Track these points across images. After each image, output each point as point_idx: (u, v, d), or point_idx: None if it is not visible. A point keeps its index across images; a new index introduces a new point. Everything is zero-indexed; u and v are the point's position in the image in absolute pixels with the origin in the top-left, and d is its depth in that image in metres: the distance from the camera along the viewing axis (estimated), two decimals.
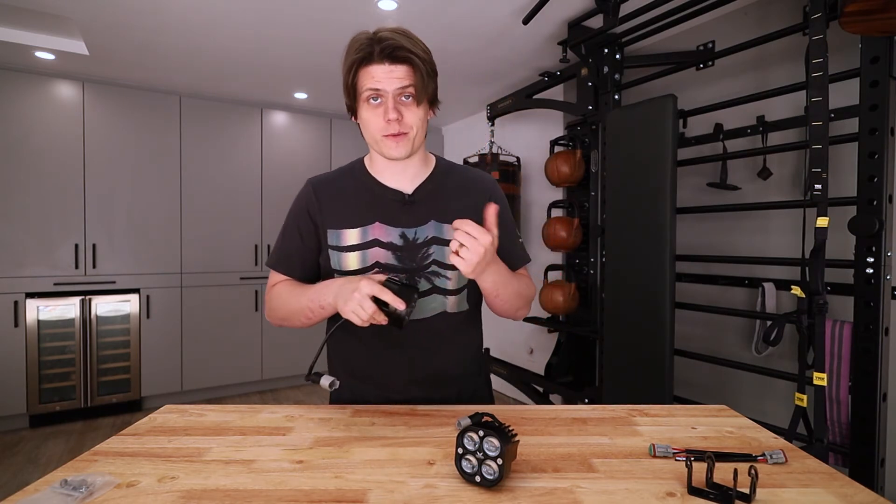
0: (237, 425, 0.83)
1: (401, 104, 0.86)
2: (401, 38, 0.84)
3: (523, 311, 1.00)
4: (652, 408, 0.94)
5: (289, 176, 3.79)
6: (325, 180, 0.99)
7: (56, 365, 3.01)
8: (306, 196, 0.98)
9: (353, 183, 0.98)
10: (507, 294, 0.92)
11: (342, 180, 0.99)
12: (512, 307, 0.96)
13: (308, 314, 0.90)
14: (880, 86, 1.41)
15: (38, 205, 2.98)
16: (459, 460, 0.64)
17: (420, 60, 0.85)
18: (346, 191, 0.97)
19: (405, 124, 0.87)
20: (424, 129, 0.91)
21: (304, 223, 0.97)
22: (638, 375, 1.97)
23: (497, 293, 0.90)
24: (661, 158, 1.87)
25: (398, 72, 0.84)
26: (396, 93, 0.85)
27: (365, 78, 0.85)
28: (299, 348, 3.81)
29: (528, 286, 1.01)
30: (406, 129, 0.87)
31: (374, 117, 0.87)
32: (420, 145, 0.92)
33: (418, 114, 0.88)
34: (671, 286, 1.87)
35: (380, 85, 0.84)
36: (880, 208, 1.42)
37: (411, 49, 0.84)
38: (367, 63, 0.84)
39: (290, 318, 0.95)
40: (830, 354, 1.60)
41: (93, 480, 0.62)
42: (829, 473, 0.68)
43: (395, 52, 0.83)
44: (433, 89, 0.90)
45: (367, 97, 0.86)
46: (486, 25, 2.34)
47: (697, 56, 2.14)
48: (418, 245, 0.93)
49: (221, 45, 2.58)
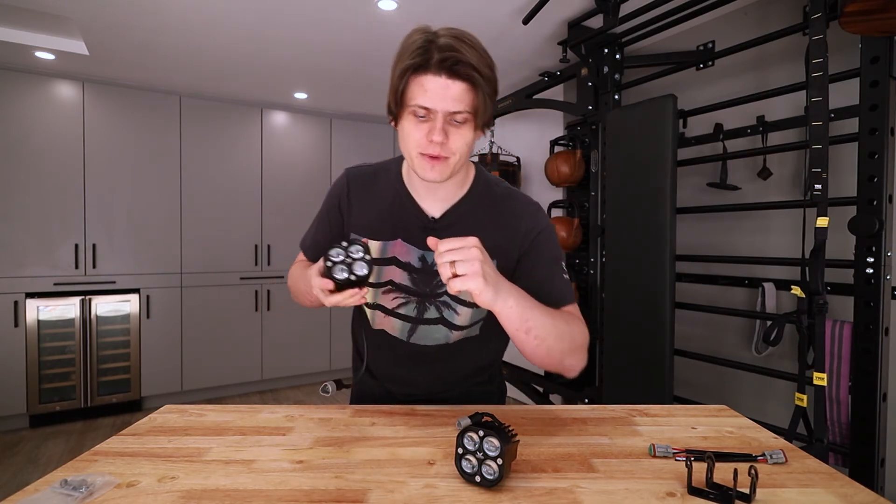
0: (237, 425, 0.83)
1: (450, 125, 0.75)
2: (465, 48, 0.72)
3: (572, 358, 0.78)
4: (652, 408, 0.94)
5: (289, 176, 3.79)
6: (361, 177, 0.92)
7: (56, 365, 3.01)
8: (339, 188, 0.93)
9: (386, 189, 0.90)
10: (544, 330, 0.72)
11: (378, 183, 0.91)
12: (554, 351, 0.75)
13: (309, 297, 0.87)
14: (880, 86, 1.41)
15: (38, 205, 2.98)
16: (459, 460, 0.64)
17: (483, 80, 0.73)
18: (377, 196, 0.90)
19: (448, 148, 0.76)
20: (470, 152, 0.81)
21: (334, 215, 0.93)
22: (638, 375, 1.97)
23: (528, 326, 0.71)
24: (662, 158, 1.87)
25: (455, 90, 0.73)
26: (448, 114, 0.74)
27: (416, 90, 0.74)
28: (299, 348, 3.81)
29: (576, 327, 0.79)
30: (448, 154, 0.77)
31: (415, 131, 0.77)
32: (460, 169, 0.82)
33: (466, 138, 0.77)
34: (671, 286, 1.87)
35: (430, 103, 0.73)
36: (880, 208, 1.42)
37: (475, 65, 0.72)
38: (420, 71, 0.73)
39: (299, 297, 0.94)
40: (830, 354, 1.60)
41: (93, 480, 0.62)
42: (829, 473, 0.67)
43: (455, 67, 0.72)
44: (491, 112, 0.79)
45: (413, 111, 0.75)
46: (485, 25, 2.34)
47: (697, 56, 2.14)
48: (434, 272, 0.87)
49: (221, 45, 2.58)
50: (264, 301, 3.68)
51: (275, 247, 3.74)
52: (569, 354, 0.77)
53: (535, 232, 0.86)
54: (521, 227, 0.86)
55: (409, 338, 0.91)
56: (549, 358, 0.76)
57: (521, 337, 0.72)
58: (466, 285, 0.65)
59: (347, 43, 2.55)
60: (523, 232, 0.86)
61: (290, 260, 3.79)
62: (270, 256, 3.72)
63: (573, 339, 0.77)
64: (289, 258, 3.79)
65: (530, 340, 0.72)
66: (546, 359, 0.76)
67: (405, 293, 0.89)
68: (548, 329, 0.73)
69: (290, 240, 3.81)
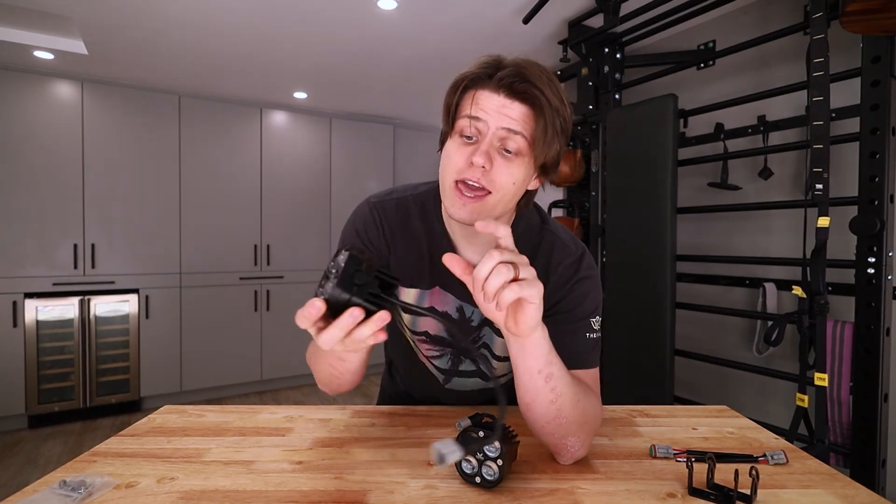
0: (236, 426, 0.83)
1: (499, 154, 0.63)
2: (535, 70, 0.63)
3: (577, 436, 0.66)
4: (652, 408, 0.94)
5: (288, 176, 3.79)
6: (391, 211, 0.79)
7: (55, 365, 3.01)
8: (369, 222, 0.78)
9: (421, 228, 0.78)
10: (562, 383, 0.62)
11: (414, 221, 0.78)
12: (563, 415, 0.63)
13: (332, 363, 0.70)
14: (881, 85, 1.41)
15: (37, 204, 2.97)
16: (459, 461, 0.64)
17: (549, 106, 0.62)
18: (411, 236, 0.78)
19: (491, 179, 0.63)
20: (516, 196, 0.67)
21: (371, 249, 0.79)
22: (638, 376, 1.97)
23: (550, 371, 0.61)
24: (662, 158, 1.87)
25: (513, 109, 0.62)
26: (500, 134, 0.62)
27: (469, 103, 0.64)
28: (299, 349, 3.80)
29: (593, 402, 0.69)
30: (490, 186, 0.63)
31: (457, 154, 0.65)
32: (500, 214, 0.68)
33: (516, 174, 0.64)
34: (672, 286, 1.87)
35: (484, 115, 0.62)
36: (881, 208, 1.42)
37: (541, 88, 0.61)
38: (477, 86, 0.64)
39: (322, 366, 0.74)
40: (831, 355, 1.60)
41: (92, 481, 0.62)
42: (830, 474, 0.67)
43: (516, 85, 0.61)
44: (554, 154, 0.65)
45: (460, 127, 0.64)
46: (486, 25, 2.33)
47: (698, 55, 2.14)
48: (471, 326, 0.79)
49: (221, 44, 2.58)
50: (264, 301, 3.67)
51: (274, 247, 3.74)
52: (576, 429, 0.65)
53: (571, 282, 0.74)
54: (559, 278, 0.75)
55: (445, 384, 0.88)
56: (555, 422, 0.64)
57: (539, 384, 0.61)
58: (525, 291, 0.52)
59: (347, 42, 2.55)
60: (560, 282, 0.75)
61: (289, 260, 3.79)
62: (270, 256, 3.72)
63: (585, 412, 0.66)
64: (288, 258, 3.79)
65: (547, 392, 0.62)
66: (552, 423, 0.64)
67: (440, 345, 0.82)
68: (565, 385, 0.62)
69: (290, 240, 3.81)
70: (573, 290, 0.74)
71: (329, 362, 0.69)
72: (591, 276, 0.76)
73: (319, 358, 0.72)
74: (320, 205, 3.93)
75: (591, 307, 0.74)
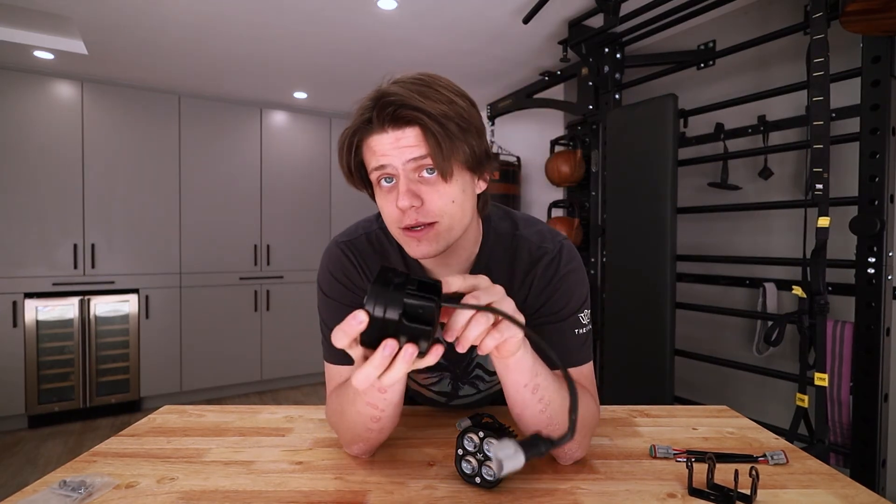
0: (236, 426, 0.83)
1: (422, 182, 0.61)
2: (410, 89, 0.60)
3: (573, 441, 0.65)
4: (652, 408, 0.94)
5: (288, 176, 3.79)
6: (366, 247, 0.76)
7: (55, 365, 3.01)
8: (343, 265, 0.74)
9: (401, 261, 0.75)
10: (550, 391, 0.61)
11: (389, 254, 0.76)
12: (555, 422, 0.63)
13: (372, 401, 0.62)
14: (881, 85, 1.41)
15: (36, 204, 2.97)
16: (459, 461, 0.64)
17: (433, 119, 0.59)
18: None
19: (428, 212, 0.61)
20: (467, 209, 0.65)
21: (357, 291, 0.74)
22: (638, 376, 1.97)
23: (536, 383, 0.59)
24: (662, 158, 1.87)
25: (407, 138, 0.60)
26: (410, 166, 0.60)
27: (368, 155, 0.63)
28: (299, 349, 3.80)
29: (587, 403, 0.67)
30: (431, 219, 0.62)
31: (387, 204, 0.63)
32: (461, 233, 0.66)
33: (449, 193, 0.62)
34: (672, 286, 1.87)
35: (386, 159, 0.61)
36: (881, 208, 1.42)
37: (418, 105, 0.59)
38: (366, 134, 0.62)
39: (353, 425, 0.67)
40: (831, 355, 1.60)
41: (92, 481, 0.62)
42: (830, 474, 0.67)
43: (398, 113, 0.59)
44: (468, 152, 0.62)
45: (377, 179, 0.63)
46: (486, 25, 2.33)
47: (698, 55, 2.14)
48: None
49: (221, 44, 2.58)
50: (264, 301, 3.67)
51: (274, 247, 3.74)
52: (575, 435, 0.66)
53: (553, 282, 0.72)
54: (540, 281, 0.72)
55: (448, 403, 0.89)
56: (548, 430, 0.62)
57: (526, 397, 0.60)
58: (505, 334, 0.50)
59: (347, 42, 2.55)
60: (542, 285, 0.73)
61: (289, 260, 3.79)
62: (270, 256, 3.72)
63: (581, 416, 0.64)
64: (288, 258, 3.79)
65: (535, 403, 0.60)
66: (545, 430, 0.61)
67: (437, 371, 0.81)
68: (553, 393, 0.61)
69: (290, 240, 3.80)
70: (557, 290, 0.72)
71: (367, 402, 0.62)
72: (574, 270, 0.73)
73: (350, 406, 0.65)
74: (320, 205, 3.93)
75: (578, 303, 0.72)
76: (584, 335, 0.73)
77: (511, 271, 0.74)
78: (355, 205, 4.02)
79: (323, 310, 0.75)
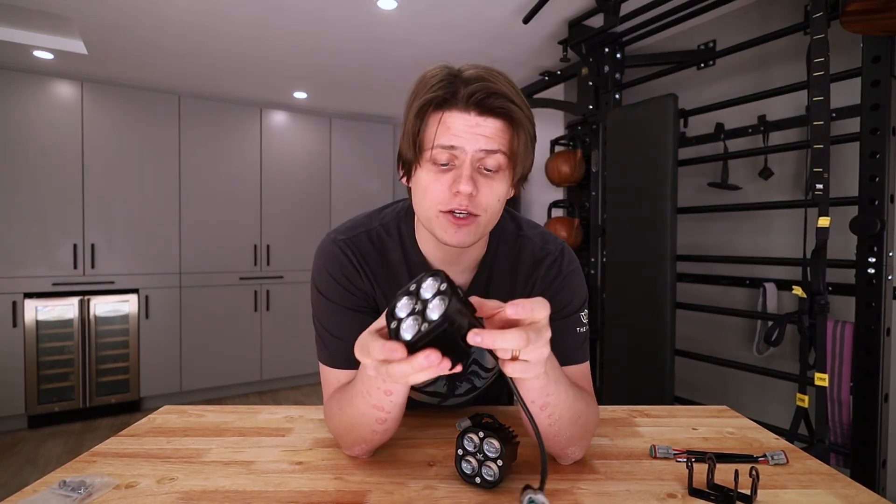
0: (236, 426, 0.83)
1: (480, 175, 0.61)
2: (499, 79, 0.60)
3: (576, 446, 0.66)
4: (652, 408, 0.94)
5: (288, 176, 3.79)
6: (367, 246, 0.73)
7: (55, 365, 3.01)
8: (349, 264, 0.72)
9: (405, 262, 0.73)
10: (559, 408, 0.60)
11: (391, 253, 0.74)
12: (562, 435, 0.63)
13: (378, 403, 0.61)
14: (881, 85, 1.41)
15: (36, 205, 2.97)
16: (459, 462, 0.64)
17: (524, 117, 0.59)
18: (396, 271, 0.73)
19: (478, 204, 0.61)
20: (500, 210, 0.66)
21: (358, 296, 0.72)
22: (638, 376, 1.97)
23: (546, 401, 0.58)
24: (662, 158, 1.87)
25: (488, 127, 0.59)
26: (478, 156, 0.60)
27: (436, 129, 0.60)
28: (299, 349, 3.80)
29: (590, 410, 0.67)
30: (478, 211, 0.61)
31: (436, 184, 0.61)
32: (488, 231, 0.68)
33: (499, 191, 0.62)
34: (672, 286, 1.87)
35: (458, 141, 0.59)
36: (882, 208, 1.42)
37: (513, 99, 0.58)
38: (443, 107, 0.59)
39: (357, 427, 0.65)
40: (832, 355, 1.60)
41: (91, 481, 0.62)
42: (830, 474, 0.67)
43: (487, 101, 0.58)
44: (531, 163, 0.64)
45: (433, 157, 0.60)
46: (486, 25, 2.33)
47: (698, 55, 2.14)
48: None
49: (221, 44, 2.58)
50: (263, 301, 3.67)
51: (274, 247, 3.74)
52: (576, 441, 0.65)
53: (556, 283, 0.73)
54: (542, 282, 0.73)
55: (441, 404, 0.87)
56: (554, 440, 0.63)
57: (535, 411, 0.59)
58: (528, 373, 0.49)
59: (347, 42, 2.54)
60: (544, 287, 0.74)
61: (289, 260, 3.79)
62: (270, 256, 3.72)
63: (585, 423, 0.65)
64: (288, 258, 3.79)
65: (544, 419, 0.60)
66: (551, 440, 0.63)
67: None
68: (563, 408, 0.61)
69: (290, 240, 3.80)
70: (560, 291, 0.73)
71: (373, 405, 0.61)
72: (574, 271, 0.75)
73: (353, 408, 0.63)
74: (320, 205, 3.93)
75: (579, 303, 0.74)
76: (584, 334, 0.74)
77: (514, 271, 0.75)
78: (355, 205, 4.02)
79: (320, 312, 0.72)
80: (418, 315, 0.46)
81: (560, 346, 0.68)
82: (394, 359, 0.44)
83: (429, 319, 0.44)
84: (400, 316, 0.47)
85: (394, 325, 0.47)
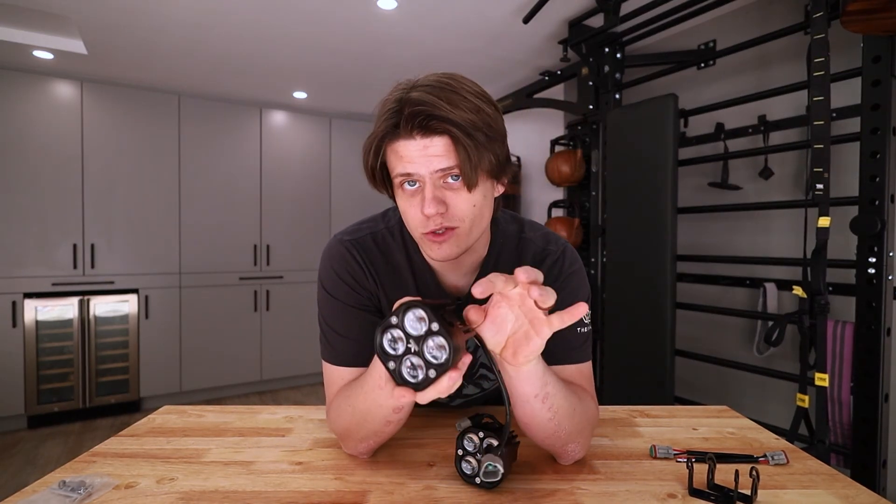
0: (236, 426, 0.83)
1: (447, 189, 0.63)
2: (438, 96, 0.60)
3: (576, 442, 0.67)
4: (653, 408, 0.94)
5: (288, 176, 3.79)
6: (372, 247, 0.75)
7: (54, 365, 3.01)
8: (355, 264, 0.74)
9: (408, 264, 0.75)
10: (558, 400, 0.62)
11: (395, 255, 0.75)
12: (563, 429, 0.64)
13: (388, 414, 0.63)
14: (882, 85, 1.41)
15: (36, 205, 2.97)
16: (459, 462, 0.64)
17: (462, 130, 0.60)
18: (401, 272, 0.75)
19: (453, 216, 0.63)
20: (486, 213, 0.67)
21: (363, 295, 0.74)
22: (639, 376, 1.97)
23: (546, 392, 0.60)
24: (662, 158, 1.87)
25: (435, 147, 0.61)
26: (437, 175, 0.62)
27: (393, 159, 0.64)
28: (299, 349, 3.80)
29: (589, 406, 0.69)
30: (454, 223, 0.64)
31: (410, 208, 0.65)
32: (479, 236, 0.69)
33: (472, 199, 0.64)
34: (672, 286, 1.87)
35: (413, 167, 0.62)
36: (882, 208, 1.42)
37: (447, 116, 0.59)
38: (392, 138, 0.63)
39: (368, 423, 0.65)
40: (832, 355, 1.60)
41: (91, 481, 0.62)
42: (830, 474, 0.67)
43: (429, 124, 0.60)
44: (493, 160, 0.64)
45: (400, 183, 0.65)
46: (486, 24, 2.33)
47: (698, 55, 2.14)
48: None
49: (220, 44, 2.58)
50: (263, 301, 3.67)
51: (274, 247, 3.74)
52: (575, 436, 0.66)
53: (559, 282, 0.74)
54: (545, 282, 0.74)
55: (450, 403, 0.89)
56: (555, 436, 0.65)
57: (536, 406, 0.60)
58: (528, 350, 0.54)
59: (347, 42, 2.54)
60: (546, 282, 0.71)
61: (289, 260, 3.79)
62: (269, 256, 3.72)
63: (584, 419, 0.66)
64: (288, 258, 3.79)
65: (544, 411, 0.61)
66: (552, 437, 0.65)
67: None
68: (560, 398, 0.62)
69: (290, 240, 3.80)
70: (563, 289, 0.72)
71: (380, 403, 0.62)
72: (576, 272, 0.76)
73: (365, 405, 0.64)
74: (320, 205, 3.93)
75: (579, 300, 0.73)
76: (586, 334, 0.74)
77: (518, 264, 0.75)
78: (355, 205, 4.03)
79: (326, 310, 0.74)
80: (415, 355, 0.51)
81: (562, 345, 0.69)
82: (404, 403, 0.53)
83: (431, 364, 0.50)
84: (391, 353, 0.52)
85: (391, 365, 0.52)
